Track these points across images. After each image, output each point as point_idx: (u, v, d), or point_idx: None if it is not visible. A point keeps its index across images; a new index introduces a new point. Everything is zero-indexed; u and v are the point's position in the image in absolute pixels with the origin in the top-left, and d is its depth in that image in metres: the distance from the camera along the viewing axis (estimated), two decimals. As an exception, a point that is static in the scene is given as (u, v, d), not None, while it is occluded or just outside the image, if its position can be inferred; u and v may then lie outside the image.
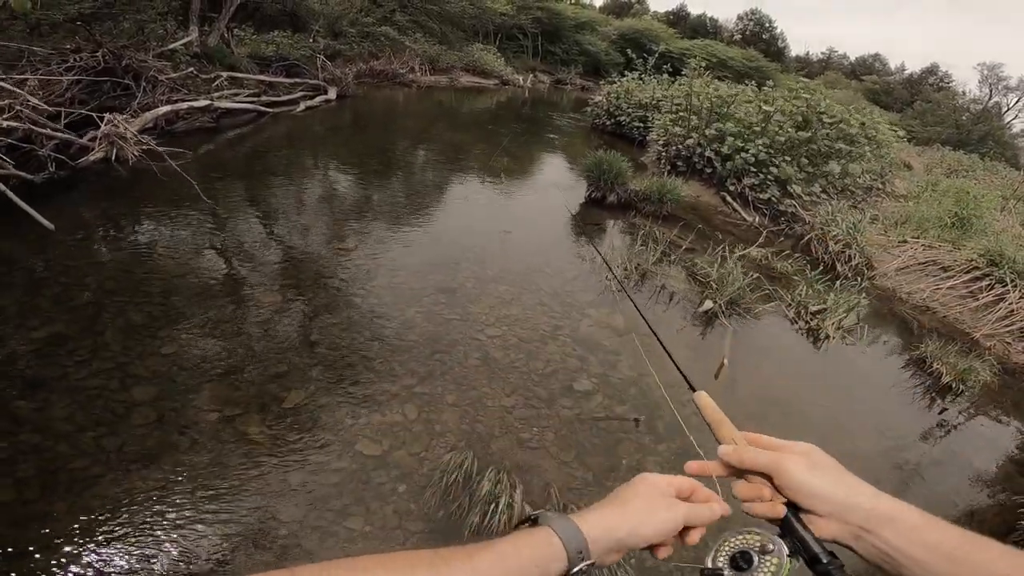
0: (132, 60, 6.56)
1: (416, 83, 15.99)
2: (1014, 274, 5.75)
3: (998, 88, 33.82)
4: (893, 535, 0.50)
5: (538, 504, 2.32)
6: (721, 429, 0.64)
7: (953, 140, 25.86)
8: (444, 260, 4.37)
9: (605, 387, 3.16)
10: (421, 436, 2.59)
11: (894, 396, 4.03)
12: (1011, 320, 5.44)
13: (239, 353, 2.88)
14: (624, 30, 31.76)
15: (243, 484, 2.16)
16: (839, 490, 0.53)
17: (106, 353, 2.68)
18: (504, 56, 23.52)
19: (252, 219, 4.63)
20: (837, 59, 51.31)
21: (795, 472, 0.54)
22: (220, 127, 7.51)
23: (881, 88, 39.67)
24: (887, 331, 5.15)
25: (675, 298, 4.48)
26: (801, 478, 0.54)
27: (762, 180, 7.24)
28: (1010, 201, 10.94)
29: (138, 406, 2.42)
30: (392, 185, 6.41)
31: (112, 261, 3.57)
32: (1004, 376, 4.59)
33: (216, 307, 3.24)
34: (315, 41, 13.10)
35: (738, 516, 0.59)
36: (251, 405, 2.56)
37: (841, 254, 6.33)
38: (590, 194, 6.63)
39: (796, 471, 0.54)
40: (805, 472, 0.54)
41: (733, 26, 46.02)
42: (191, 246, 3.95)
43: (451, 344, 3.28)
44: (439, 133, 10.10)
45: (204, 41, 9.37)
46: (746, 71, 25.21)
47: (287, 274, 3.81)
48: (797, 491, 0.54)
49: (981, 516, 3.02)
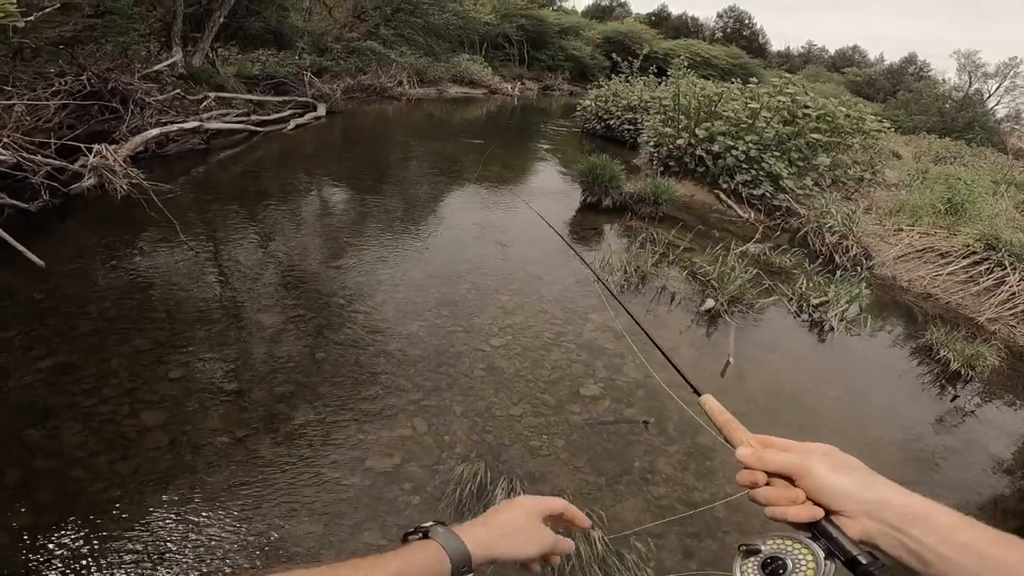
0: (118, 83, 6.53)
1: (405, 96, 16.03)
2: (1012, 257, 5.77)
3: (977, 75, 34.24)
4: (924, 533, 0.48)
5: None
6: (734, 432, 0.62)
7: (939, 128, 26.13)
8: (444, 273, 4.35)
9: (612, 391, 3.14)
10: (432, 449, 2.57)
11: (904, 385, 4.03)
12: (1014, 303, 5.45)
13: (245, 375, 2.88)
14: (608, 33, 32.06)
15: (257, 503, 2.17)
16: (868, 489, 0.52)
17: (113, 380, 2.69)
18: (491, 65, 23.67)
19: (249, 241, 4.61)
20: (817, 52, 51.96)
21: (822, 473, 0.53)
22: (211, 148, 7.50)
23: (863, 80, 40.15)
24: (891, 320, 5.16)
25: (676, 298, 4.48)
26: (829, 478, 0.53)
27: (754, 176, 7.28)
28: (1002, 185, 11.04)
29: (149, 430, 2.43)
30: (386, 200, 6.40)
31: (113, 288, 3.55)
32: (1012, 360, 4.58)
33: (219, 330, 3.23)
34: (301, 58, 13.14)
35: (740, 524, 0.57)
36: (261, 425, 2.56)
37: (838, 245, 6.36)
38: (585, 199, 6.64)
39: (823, 471, 0.53)
40: (831, 472, 0.53)
41: (714, 24, 46.55)
42: (191, 270, 3.93)
43: (456, 356, 3.26)
44: (430, 145, 10.12)
45: (189, 62, 9.38)
46: (730, 68, 25.47)
47: (288, 294, 3.78)
48: (824, 492, 0.53)
49: (1004, 504, 2.98)
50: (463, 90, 20.14)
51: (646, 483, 2.55)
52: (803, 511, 0.53)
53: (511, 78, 24.92)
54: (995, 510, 2.90)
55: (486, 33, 24.19)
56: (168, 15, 9.43)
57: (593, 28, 33.12)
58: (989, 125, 29.50)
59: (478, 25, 22.23)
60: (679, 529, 2.35)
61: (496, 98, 20.91)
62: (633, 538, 2.26)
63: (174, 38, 9.23)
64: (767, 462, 0.56)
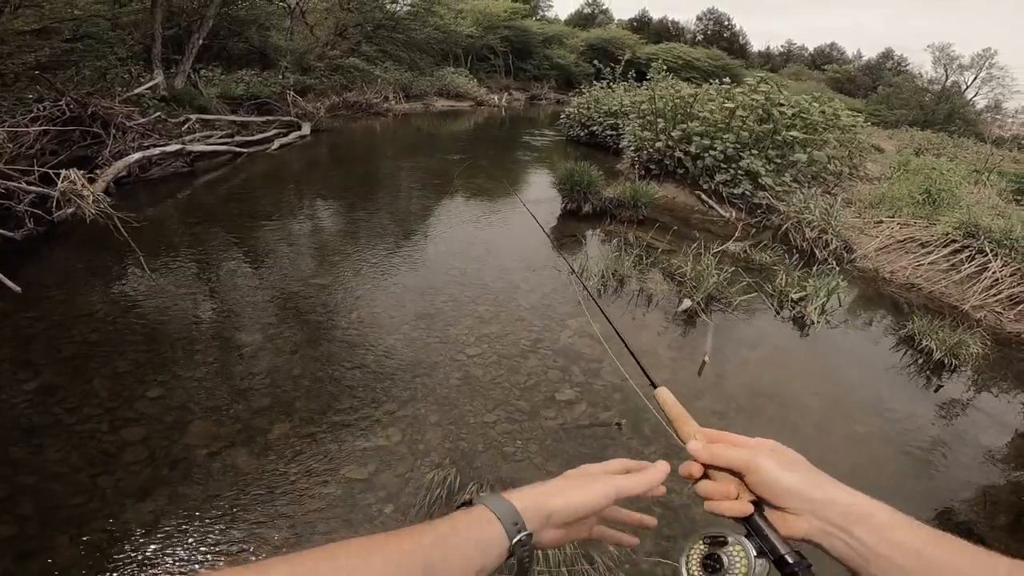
0: (98, 107, 6.58)
1: (391, 112, 16.16)
2: (992, 243, 5.78)
3: (952, 68, 34.76)
4: (866, 533, 0.49)
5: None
6: (684, 426, 0.63)
7: (920, 121, 26.49)
8: (422, 286, 4.38)
9: (588, 395, 3.16)
10: (406, 457, 2.59)
11: (888, 377, 4.00)
12: (997, 289, 5.44)
13: (223, 392, 2.92)
14: (591, 40, 32.43)
15: (234, 513, 2.22)
16: (816, 487, 0.52)
17: (95, 400, 2.78)
18: (476, 77, 23.89)
19: (231, 262, 4.63)
20: (797, 51, 52.66)
21: (770, 469, 0.53)
22: (195, 171, 7.54)
23: (844, 76, 40.69)
24: (875, 312, 5.18)
25: (654, 300, 4.50)
26: (776, 475, 0.53)
27: (733, 175, 7.35)
28: (983, 174, 11.16)
29: (129, 446, 2.51)
30: (368, 216, 6.44)
31: (95, 313, 3.61)
32: (999, 347, 4.55)
33: (198, 350, 3.27)
34: (284, 77, 13.24)
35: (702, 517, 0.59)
36: (238, 439, 2.61)
37: (818, 240, 6.42)
38: (565, 206, 6.69)
39: (771, 468, 0.53)
40: (779, 469, 0.53)
41: (694, 27, 47.17)
42: (172, 293, 3.97)
43: (432, 367, 3.27)
44: (415, 160, 10.19)
45: (171, 84, 9.44)
46: (712, 70, 25.79)
47: (267, 313, 3.80)
48: (770, 488, 0.53)
49: (995, 496, 2.93)
50: (449, 103, 20.31)
51: (620, 485, 2.56)
52: (735, 506, 0.54)
53: (497, 89, 25.15)
54: (985, 502, 2.86)
55: (470, 45, 24.43)
56: (147, 38, 9.50)
57: (576, 36, 33.50)
58: (969, 116, 29.90)
59: (460, 38, 22.46)
60: (654, 532, 2.34)
61: (483, 110, 21.08)
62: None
63: (154, 61, 9.30)
64: (716, 456, 0.57)
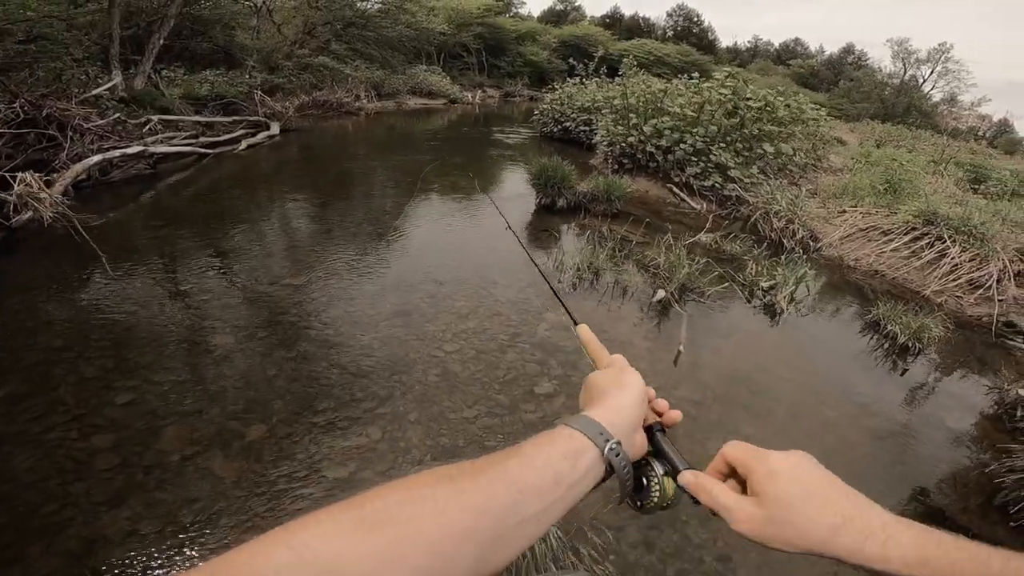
0: (53, 109, 6.33)
1: (363, 111, 15.94)
2: (951, 230, 6.02)
3: (910, 61, 36.09)
4: None
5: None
6: (601, 358, 0.73)
7: (880, 114, 27.44)
8: (398, 284, 4.34)
9: (567, 387, 3.19)
10: (386, 455, 2.58)
11: (857, 361, 4.12)
12: (956, 274, 5.64)
13: (195, 396, 2.85)
14: (564, 37, 32.60)
15: (212, 517, 2.17)
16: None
17: (61, 407, 2.69)
18: (450, 75, 23.76)
19: (198, 264, 4.51)
20: (763, 47, 53.89)
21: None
22: (159, 173, 7.30)
23: (807, 71, 41.85)
24: (841, 299, 5.34)
25: (629, 292, 4.57)
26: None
27: (703, 168, 7.50)
28: (941, 164, 11.64)
29: (100, 452, 2.44)
30: (341, 215, 6.35)
31: (59, 319, 3.48)
32: (960, 330, 4.72)
33: (168, 355, 3.18)
34: (251, 77, 12.93)
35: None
36: (213, 443, 2.55)
37: (785, 230, 6.61)
38: (540, 201, 6.72)
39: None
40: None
41: (664, 23, 47.82)
42: (139, 297, 3.83)
43: (410, 364, 3.25)
44: (388, 158, 10.08)
45: (130, 85, 9.13)
46: (682, 66, 26.16)
47: (239, 315, 3.72)
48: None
49: (964, 478, 3.01)
50: (423, 101, 20.15)
51: (602, 475, 2.59)
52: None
53: (471, 87, 25.07)
54: (955, 485, 2.94)
55: (443, 43, 24.26)
56: (104, 39, 9.16)
57: (549, 33, 33.63)
58: (925, 109, 31.11)
59: (433, 35, 22.28)
60: (637, 522, 2.38)
61: (457, 108, 20.97)
62: (589, 531, 2.28)
63: (112, 61, 8.96)
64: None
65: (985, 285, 5.38)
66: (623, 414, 0.54)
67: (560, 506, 0.47)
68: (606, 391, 0.58)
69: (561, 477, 0.46)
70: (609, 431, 0.51)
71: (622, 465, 0.51)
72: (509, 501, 0.43)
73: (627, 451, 0.52)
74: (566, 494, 0.47)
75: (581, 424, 0.51)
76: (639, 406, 0.57)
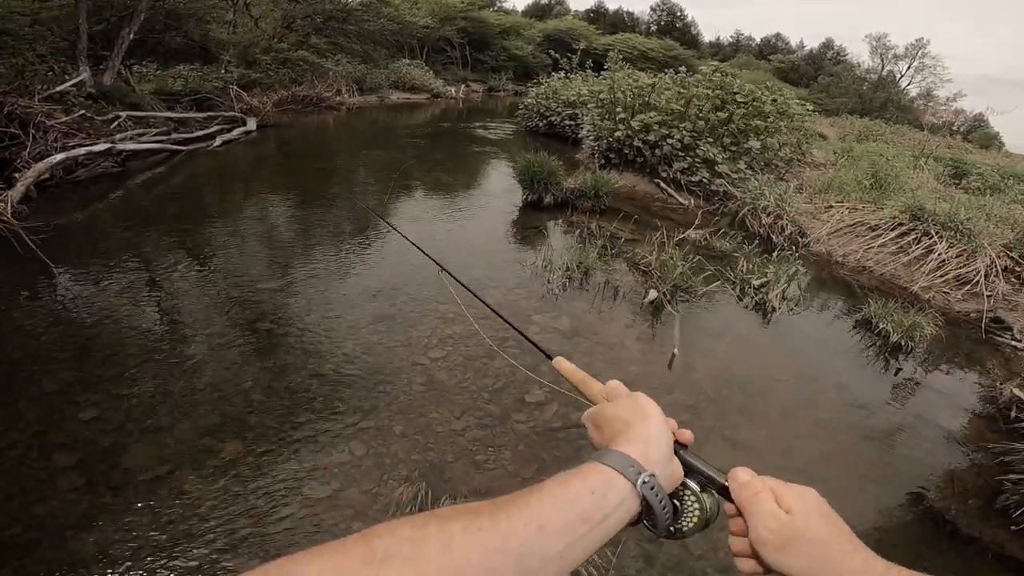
0: (14, 106, 6.00)
1: (344, 105, 15.60)
2: (938, 226, 6.04)
3: (888, 57, 36.62)
4: None
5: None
6: (591, 388, 0.65)
7: (858, 109, 27.83)
8: (380, 286, 4.17)
9: (558, 395, 3.06)
10: (371, 472, 2.42)
11: (848, 361, 4.07)
12: (944, 270, 5.67)
13: (165, 410, 2.67)
14: (548, 31, 32.41)
15: (186, 541, 2.03)
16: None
17: (20, 423, 2.51)
18: (433, 69, 23.43)
19: (168, 268, 4.27)
20: (745, 42, 54.32)
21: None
22: (128, 171, 6.98)
23: (788, 66, 42.27)
24: (830, 296, 5.31)
25: (620, 292, 4.46)
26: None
27: (691, 163, 7.43)
28: (921, 159, 11.76)
29: (63, 472, 2.27)
30: (318, 215, 6.13)
31: (18, 329, 3.24)
32: (948, 327, 4.70)
33: (135, 365, 2.97)
34: (227, 72, 12.53)
35: None
36: (184, 461, 2.38)
37: (774, 225, 6.57)
38: (526, 198, 6.58)
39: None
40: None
41: (648, 18, 47.92)
42: (104, 304, 3.59)
43: (394, 373, 3.10)
44: (368, 155, 9.84)
45: (99, 80, 8.75)
46: (666, 61, 26.21)
47: (212, 322, 3.51)
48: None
49: (962, 480, 2.96)
50: (405, 96, 19.83)
51: (595, 487, 2.48)
52: None
53: (455, 81, 24.76)
54: (953, 487, 2.89)
55: (426, 37, 23.91)
56: (72, 34, 8.76)
57: (534, 27, 33.41)
58: (903, 104, 31.64)
59: (416, 29, 21.93)
60: (637, 534, 2.28)
61: (440, 102, 20.68)
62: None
63: (79, 57, 8.57)
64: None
65: (973, 281, 5.39)
66: (654, 444, 0.51)
67: (586, 544, 0.44)
68: (630, 423, 0.54)
69: (588, 514, 0.44)
70: (642, 464, 0.49)
71: (659, 499, 0.48)
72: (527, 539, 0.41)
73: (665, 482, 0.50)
74: (593, 531, 0.44)
75: (610, 459, 0.48)
76: (667, 432, 0.54)
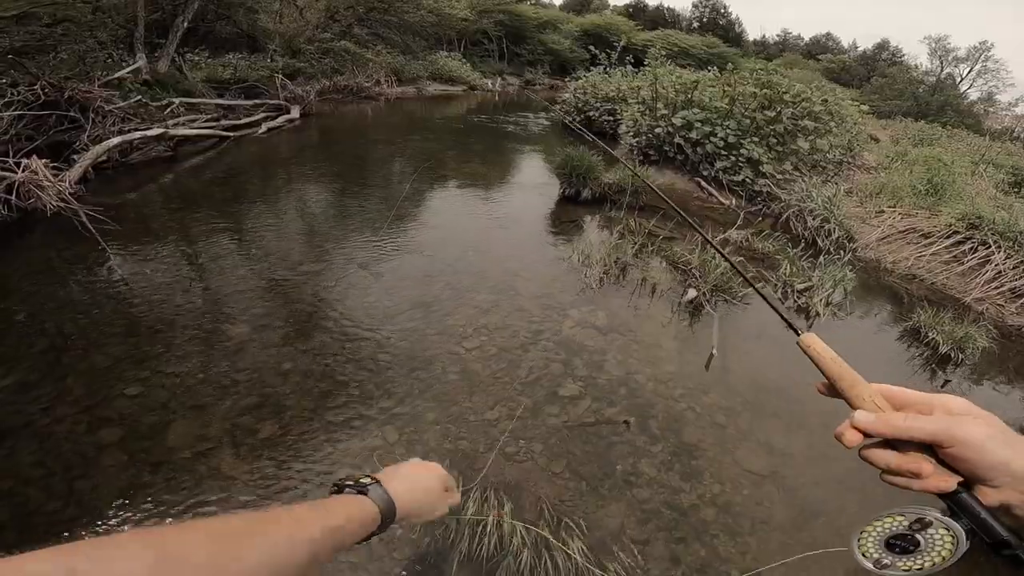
0: (75, 91, 6.31)
1: (383, 96, 15.82)
2: (996, 235, 5.69)
3: (948, 60, 34.66)
4: None
5: (531, 521, 2.18)
6: (853, 388, 0.54)
7: (913, 112, 26.47)
8: (418, 274, 4.20)
9: (592, 389, 3.02)
10: (404, 458, 2.44)
11: (893, 370, 3.89)
12: (1000, 282, 5.36)
13: (206, 389, 2.74)
14: (586, 26, 32.05)
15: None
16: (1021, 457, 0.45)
17: (70, 397, 2.60)
18: (470, 62, 23.52)
19: (214, 249, 4.42)
20: (793, 40, 52.38)
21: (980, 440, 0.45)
22: (179, 155, 7.26)
23: (838, 66, 40.55)
24: (877, 303, 5.07)
25: (658, 290, 4.36)
26: (988, 448, 0.45)
27: (734, 163, 7.20)
28: (980, 166, 11.11)
29: (107, 447, 2.35)
30: (359, 201, 6.22)
31: (72, 304, 3.40)
32: (1002, 340, 4.47)
33: (180, 344, 3.08)
34: (273, 61, 12.87)
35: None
36: (222, 440, 2.44)
37: (820, 229, 6.30)
38: (564, 191, 6.52)
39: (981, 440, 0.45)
40: (990, 441, 0.45)
41: (690, 14, 46.77)
42: (154, 283, 3.75)
43: (428, 360, 3.11)
44: (408, 144, 9.93)
45: (154, 68, 9.10)
46: (707, 58, 25.53)
47: (254, 303, 3.61)
48: (979, 463, 0.45)
49: None
50: (442, 87, 19.96)
51: (629, 486, 2.43)
52: (936, 482, 0.47)
53: (491, 74, 24.78)
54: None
55: (464, 29, 23.99)
56: (130, 22, 9.14)
57: (571, 21, 33.09)
58: (961, 108, 29.93)
59: (454, 21, 22.01)
60: (665, 534, 2.23)
61: (476, 95, 20.75)
62: (615, 546, 2.14)
63: (137, 44, 8.94)
64: (904, 429, 0.48)
65: (1029, 294, 5.06)
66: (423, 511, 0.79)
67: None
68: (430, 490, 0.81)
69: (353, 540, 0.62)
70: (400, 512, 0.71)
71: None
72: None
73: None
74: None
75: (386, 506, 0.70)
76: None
